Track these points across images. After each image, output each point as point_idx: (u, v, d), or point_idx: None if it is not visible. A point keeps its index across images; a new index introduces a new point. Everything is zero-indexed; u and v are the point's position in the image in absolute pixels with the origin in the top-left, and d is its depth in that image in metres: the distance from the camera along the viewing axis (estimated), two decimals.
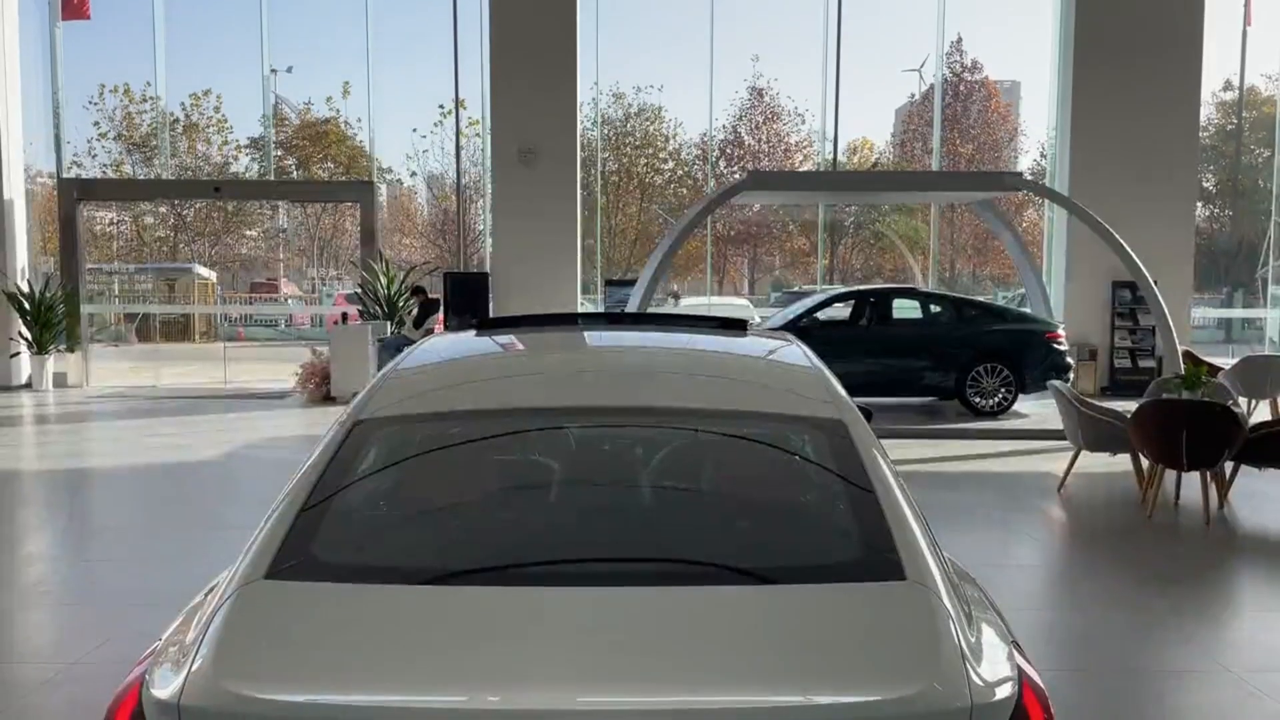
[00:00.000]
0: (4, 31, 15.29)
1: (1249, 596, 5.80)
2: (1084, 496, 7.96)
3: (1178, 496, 7.60)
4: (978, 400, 12.02)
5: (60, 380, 15.31)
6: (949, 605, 1.91)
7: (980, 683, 1.72)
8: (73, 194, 15.73)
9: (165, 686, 1.73)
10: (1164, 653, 4.72)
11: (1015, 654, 1.94)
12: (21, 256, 15.55)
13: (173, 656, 1.86)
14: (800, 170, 24.29)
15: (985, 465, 9.43)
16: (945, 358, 12.08)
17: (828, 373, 2.77)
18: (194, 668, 1.74)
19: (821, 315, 12.69)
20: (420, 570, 2.14)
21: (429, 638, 1.86)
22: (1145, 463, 7.60)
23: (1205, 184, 25.72)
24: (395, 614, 1.93)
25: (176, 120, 25.39)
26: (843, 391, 2.65)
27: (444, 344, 3.26)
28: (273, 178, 22.44)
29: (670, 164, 28.15)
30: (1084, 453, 8.09)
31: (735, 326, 3.30)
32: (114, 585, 5.74)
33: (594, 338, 3.41)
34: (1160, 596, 5.50)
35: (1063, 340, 12.34)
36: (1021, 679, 1.81)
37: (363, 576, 2.07)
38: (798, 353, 2.98)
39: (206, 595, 2.15)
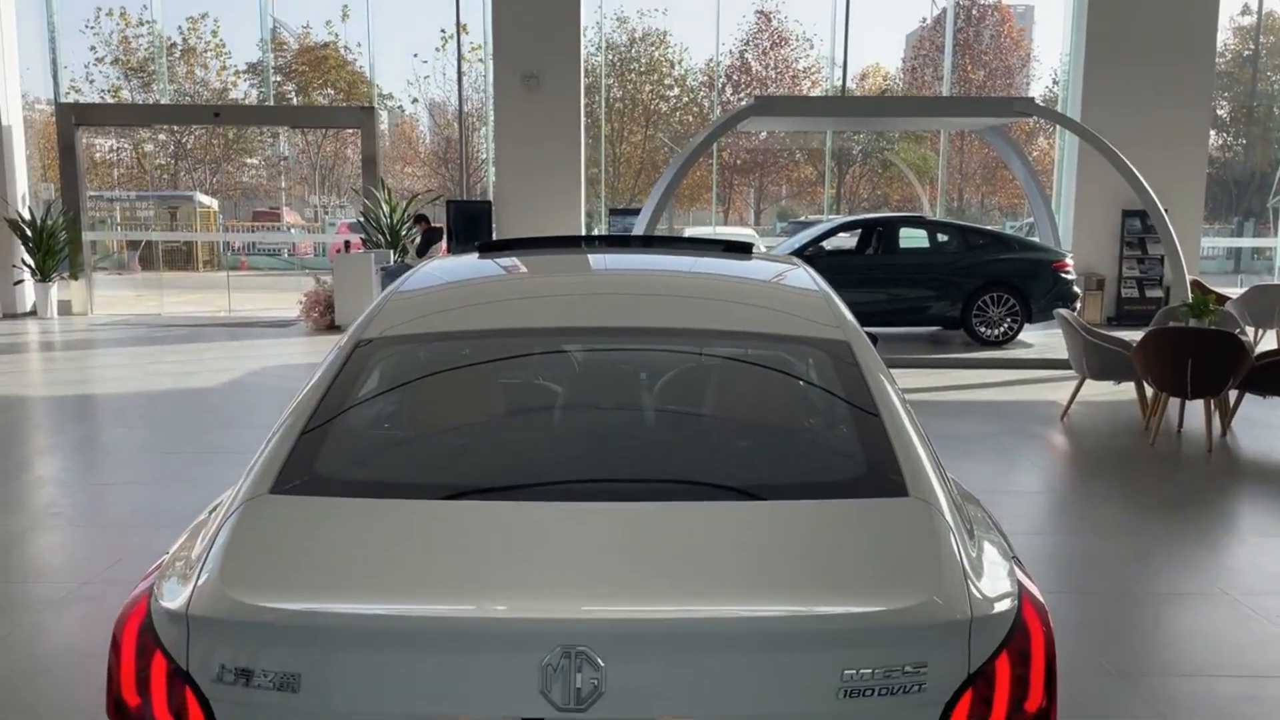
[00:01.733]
0: None
1: (1248, 522, 5.84)
2: (1087, 424, 7.98)
3: (1181, 424, 7.62)
4: (983, 330, 11.99)
5: (65, 308, 15.34)
6: (951, 521, 1.91)
7: (980, 597, 1.73)
8: (71, 119, 15.57)
9: (174, 598, 1.75)
10: (1163, 576, 4.77)
11: (1016, 570, 1.94)
12: (21, 183, 15.45)
13: (180, 570, 1.88)
14: (808, 96, 23.93)
15: (989, 394, 9.44)
16: (951, 287, 12.01)
17: (834, 295, 2.74)
18: (200, 580, 1.76)
19: (827, 244, 12.61)
20: (422, 487, 2.15)
21: (434, 549, 1.88)
22: (1149, 391, 7.60)
23: (1219, 111, 25.28)
24: (400, 526, 1.94)
25: (174, 45, 24.98)
26: (848, 314, 2.63)
27: (446, 266, 3.23)
28: (272, 103, 22.14)
29: (675, 91, 27.72)
30: (1088, 382, 8.09)
31: (740, 250, 3.27)
32: (124, 508, 5.81)
33: (598, 260, 3.37)
34: (1161, 522, 5.54)
35: (1070, 269, 12.23)
36: (1022, 594, 1.82)
37: (366, 493, 2.08)
38: (803, 275, 2.95)
39: (211, 513, 2.17)
